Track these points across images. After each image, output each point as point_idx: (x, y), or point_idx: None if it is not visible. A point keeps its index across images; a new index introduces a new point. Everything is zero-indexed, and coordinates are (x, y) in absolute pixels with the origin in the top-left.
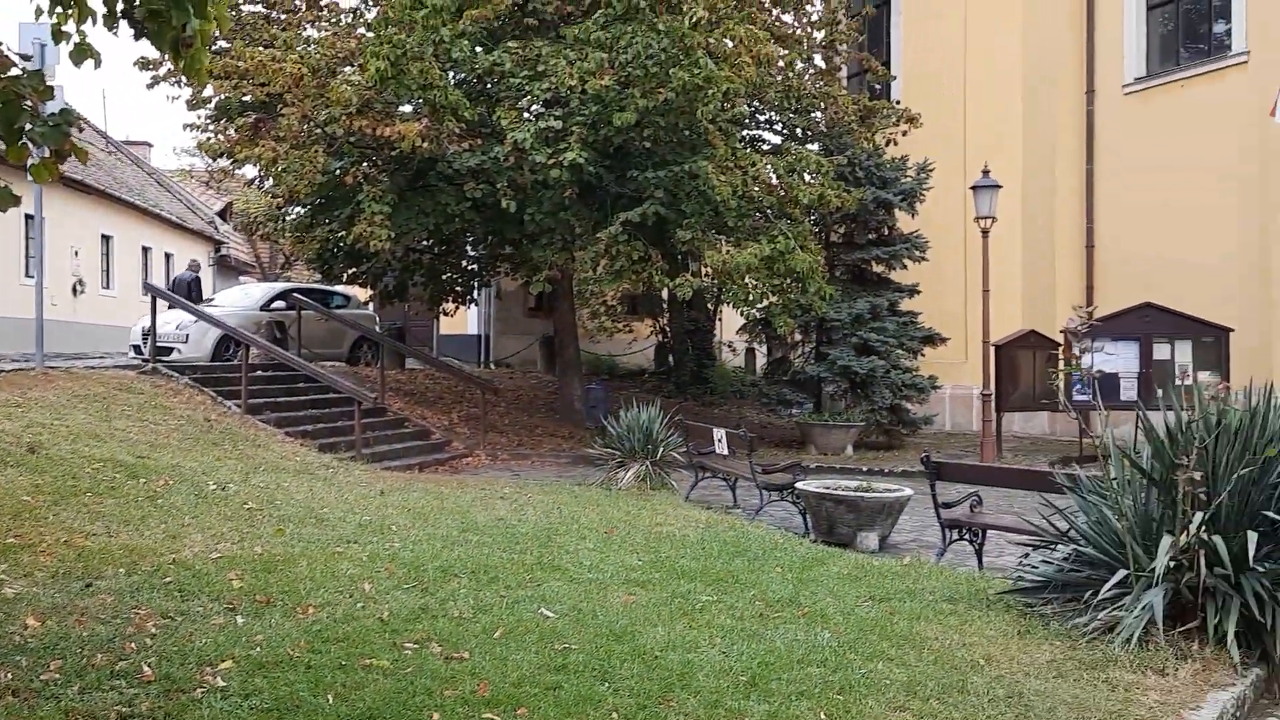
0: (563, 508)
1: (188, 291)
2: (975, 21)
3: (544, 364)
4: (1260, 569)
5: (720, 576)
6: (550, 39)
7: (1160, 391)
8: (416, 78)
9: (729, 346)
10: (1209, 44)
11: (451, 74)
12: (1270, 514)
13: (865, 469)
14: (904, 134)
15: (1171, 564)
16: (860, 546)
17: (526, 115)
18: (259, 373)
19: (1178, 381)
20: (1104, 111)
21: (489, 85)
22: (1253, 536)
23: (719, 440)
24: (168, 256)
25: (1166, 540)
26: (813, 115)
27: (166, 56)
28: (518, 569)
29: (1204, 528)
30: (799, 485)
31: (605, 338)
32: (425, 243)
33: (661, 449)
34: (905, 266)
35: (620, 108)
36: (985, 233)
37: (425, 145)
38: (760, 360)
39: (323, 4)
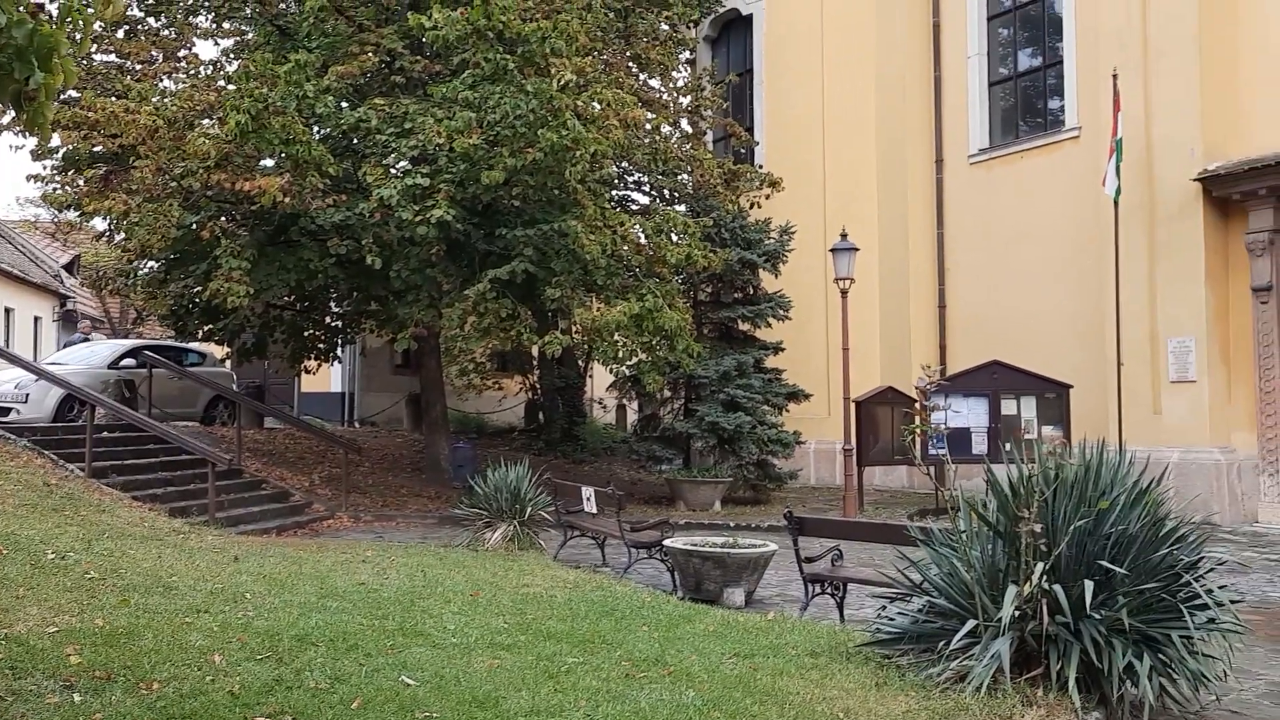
0: (427, 570)
1: None
2: (832, 93)
3: (410, 422)
4: (1097, 616)
5: (587, 637)
6: (418, 97)
7: (1008, 446)
8: (278, 132)
9: (600, 403)
10: (1045, 119)
11: (316, 129)
12: (1105, 563)
13: (733, 524)
14: (767, 197)
15: (1017, 613)
16: (727, 602)
17: (393, 172)
18: (105, 434)
19: (1023, 436)
20: (952, 180)
21: (354, 141)
22: (1089, 585)
23: (587, 499)
24: (7, 311)
25: (1012, 590)
26: (680, 178)
27: (8, 106)
28: (379, 635)
29: (1045, 577)
30: (667, 542)
31: (474, 395)
32: (287, 299)
33: (530, 508)
34: (770, 325)
35: (489, 166)
36: (844, 293)
37: (287, 200)
38: (631, 417)
39: (181, 56)
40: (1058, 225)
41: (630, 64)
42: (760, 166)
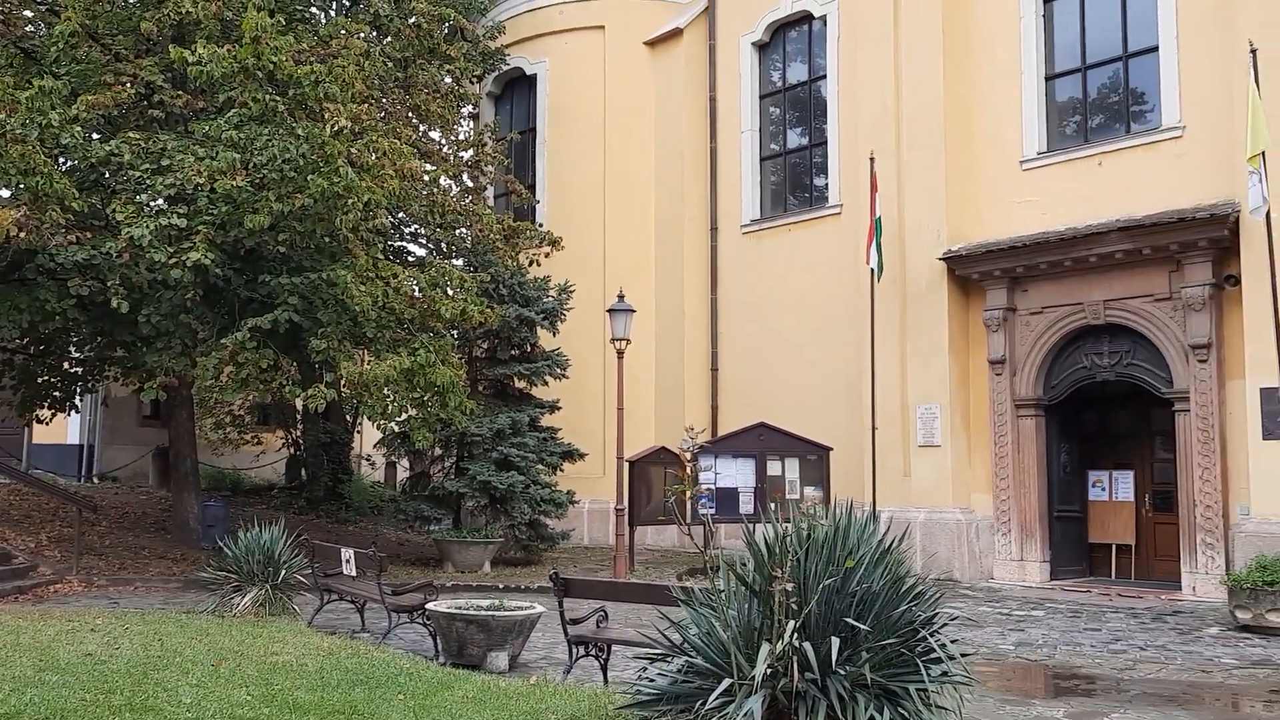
0: (166, 639)
1: None
2: (613, 158)
3: (157, 478)
4: (842, 672)
5: (337, 709)
6: (178, 133)
7: (774, 505)
8: (16, 161)
9: (368, 460)
10: (811, 194)
11: (61, 160)
12: (850, 620)
13: (502, 586)
14: (547, 255)
15: (769, 671)
16: (490, 667)
17: (146, 210)
18: None
19: (785, 496)
20: (726, 247)
21: (105, 176)
22: (835, 642)
23: (347, 560)
24: None
25: (765, 648)
26: (458, 232)
27: None
28: (102, 712)
29: (796, 635)
30: (430, 606)
31: (230, 450)
32: (19, 341)
33: (284, 571)
34: (547, 383)
35: (253, 210)
36: (620, 354)
37: (22, 235)
38: (402, 475)
39: None
40: (822, 295)
41: (410, 114)
42: (541, 224)
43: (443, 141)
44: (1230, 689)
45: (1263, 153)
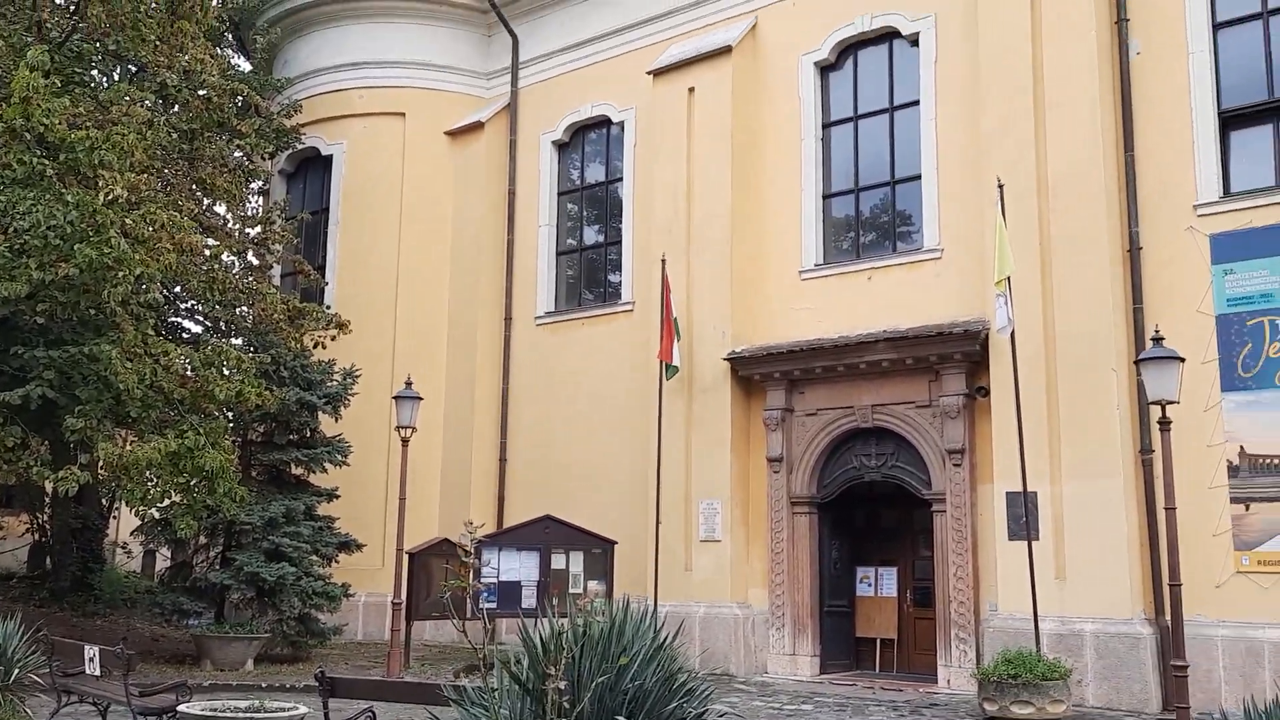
0: None
1: None
2: (408, 244)
3: None
4: None
5: None
6: None
7: (554, 600)
8: None
9: (124, 548)
10: (606, 290)
11: None
12: (621, 718)
13: (265, 685)
14: (334, 338)
15: None
16: None
17: None
18: None
19: (568, 590)
20: (519, 339)
21: None
22: None
23: (90, 658)
24: None
25: None
26: (239, 310)
27: None
28: None
29: None
30: (182, 708)
31: None
32: None
33: (16, 670)
34: (326, 470)
35: (10, 277)
36: (405, 441)
37: None
38: (162, 564)
39: None
40: (613, 389)
41: (194, 187)
42: (329, 307)
43: (228, 217)
44: None
45: (1009, 277)
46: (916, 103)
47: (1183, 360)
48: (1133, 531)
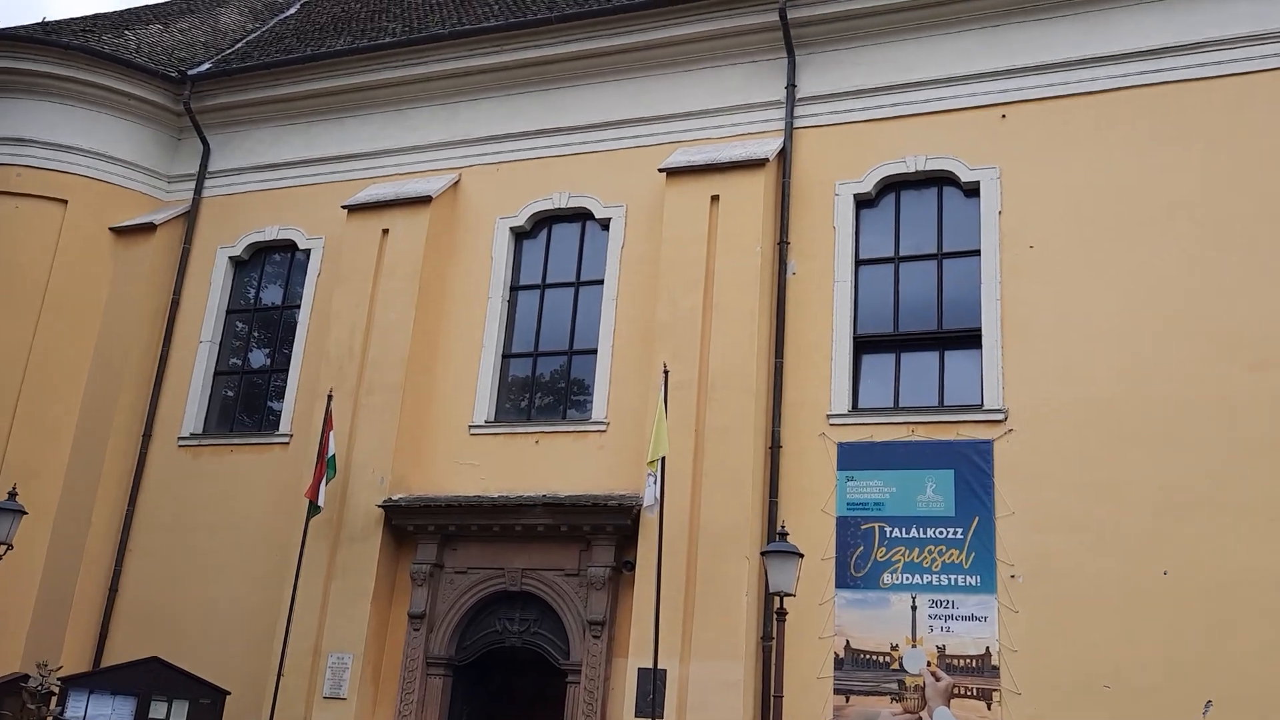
0: None
1: None
2: (45, 339)
3: None
4: None
5: None
6: None
7: None
8: None
9: None
10: (263, 418)
11: None
12: None
13: None
14: None
15: None
16: None
17: None
18: None
19: None
20: (157, 458)
21: None
22: None
23: None
24: None
25: None
26: None
27: None
28: None
29: None
30: None
31: None
32: None
33: None
34: None
35: None
36: None
37: None
38: None
39: None
40: (256, 526)
41: None
42: None
43: None
44: None
45: (663, 458)
46: (601, 281)
47: (801, 556)
48: (747, 714)
